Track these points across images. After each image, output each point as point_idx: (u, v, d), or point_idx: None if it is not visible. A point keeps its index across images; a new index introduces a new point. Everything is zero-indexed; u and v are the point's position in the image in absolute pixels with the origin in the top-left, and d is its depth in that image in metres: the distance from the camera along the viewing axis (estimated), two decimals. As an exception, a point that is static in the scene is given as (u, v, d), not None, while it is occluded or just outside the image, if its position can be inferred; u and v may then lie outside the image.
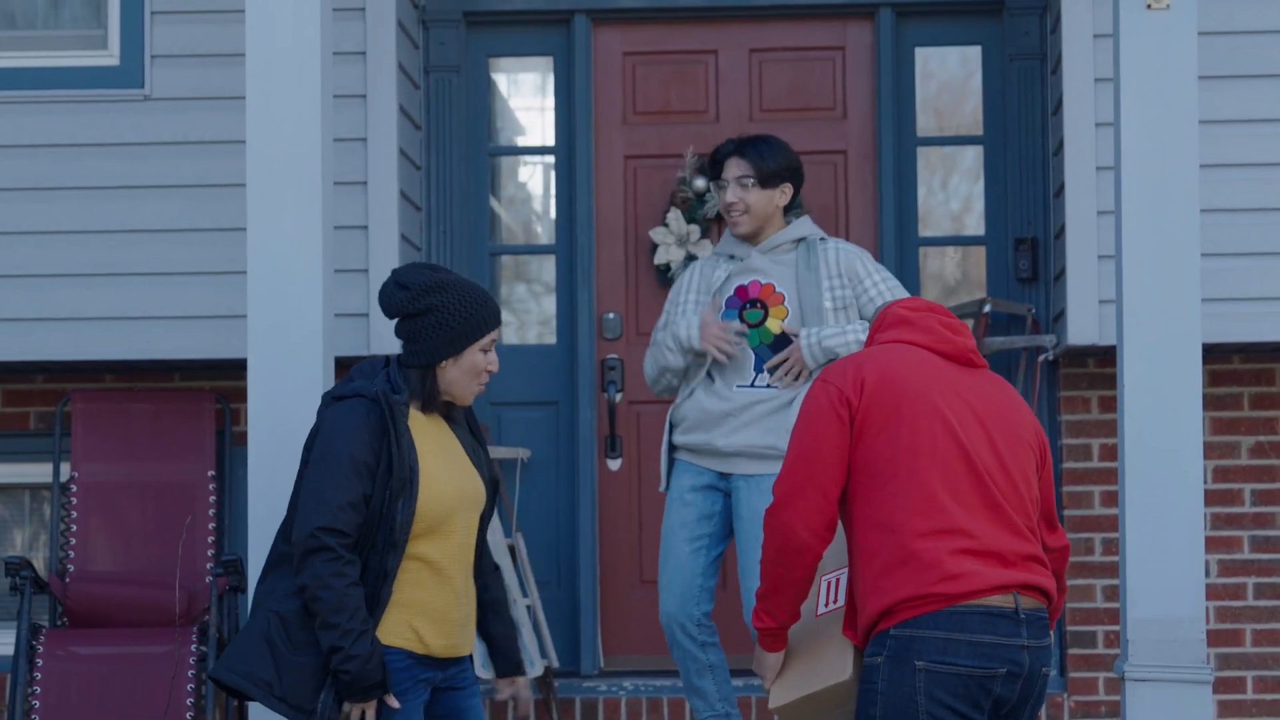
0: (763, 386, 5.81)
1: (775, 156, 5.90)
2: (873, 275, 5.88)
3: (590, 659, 7.22)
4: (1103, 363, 7.07)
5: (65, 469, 6.98)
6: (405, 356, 4.67)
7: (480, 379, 4.70)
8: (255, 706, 5.07)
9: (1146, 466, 5.36)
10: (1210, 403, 6.94)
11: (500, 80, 7.66)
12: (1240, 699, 7.01)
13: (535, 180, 7.73)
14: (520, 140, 7.76)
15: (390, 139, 6.87)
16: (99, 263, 6.83)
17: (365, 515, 4.51)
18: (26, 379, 7.24)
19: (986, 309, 7.08)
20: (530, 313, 7.60)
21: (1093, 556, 7.05)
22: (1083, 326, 6.76)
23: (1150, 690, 5.28)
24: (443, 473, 4.63)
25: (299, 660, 4.49)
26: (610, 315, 7.39)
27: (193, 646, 6.41)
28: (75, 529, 6.85)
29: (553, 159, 7.53)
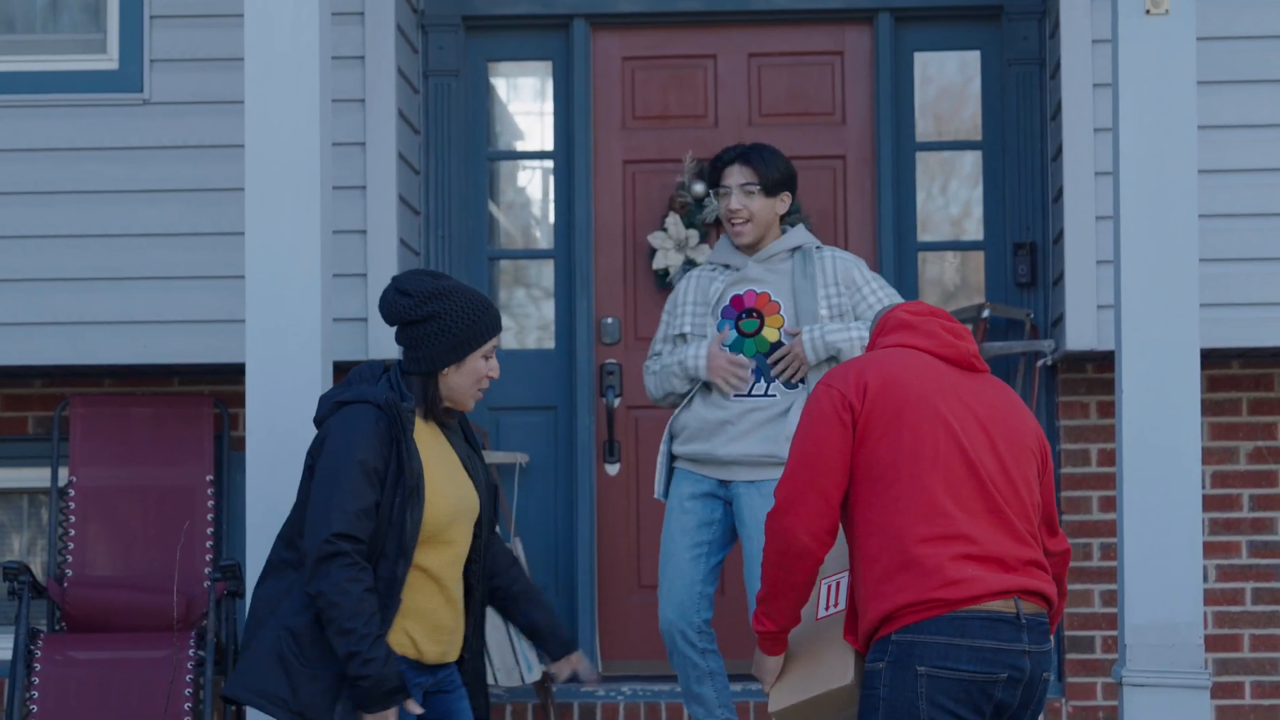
0: (760, 395, 5.80)
1: (778, 164, 5.89)
2: (870, 284, 5.88)
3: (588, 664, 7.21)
4: (1101, 368, 7.07)
5: (64, 473, 6.98)
6: (407, 363, 4.66)
7: (481, 385, 4.71)
8: (254, 714, 5.06)
9: (1145, 471, 5.36)
10: (1209, 408, 6.94)
11: (499, 85, 7.67)
12: (1238, 704, 7.01)
13: (534, 185, 7.73)
14: (519, 145, 7.76)
15: (389, 143, 6.87)
16: (98, 267, 6.83)
17: (376, 522, 4.50)
18: (25, 383, 7.24)
19: (985, 314, 7.09)
20: (529, 317, 7.60)
21: (1091, 561, 7.05)
22: (1081, 331, 6.75)
23: (1148, 695, 5.29)
24: (443, 483, 4.63)
25: (313, 674, 4.48)
26: (609, 320, 7.39)
27: (190, 651, 6.41)
28: (73, 534, 6.84)
29: (551, 164, 7.53)
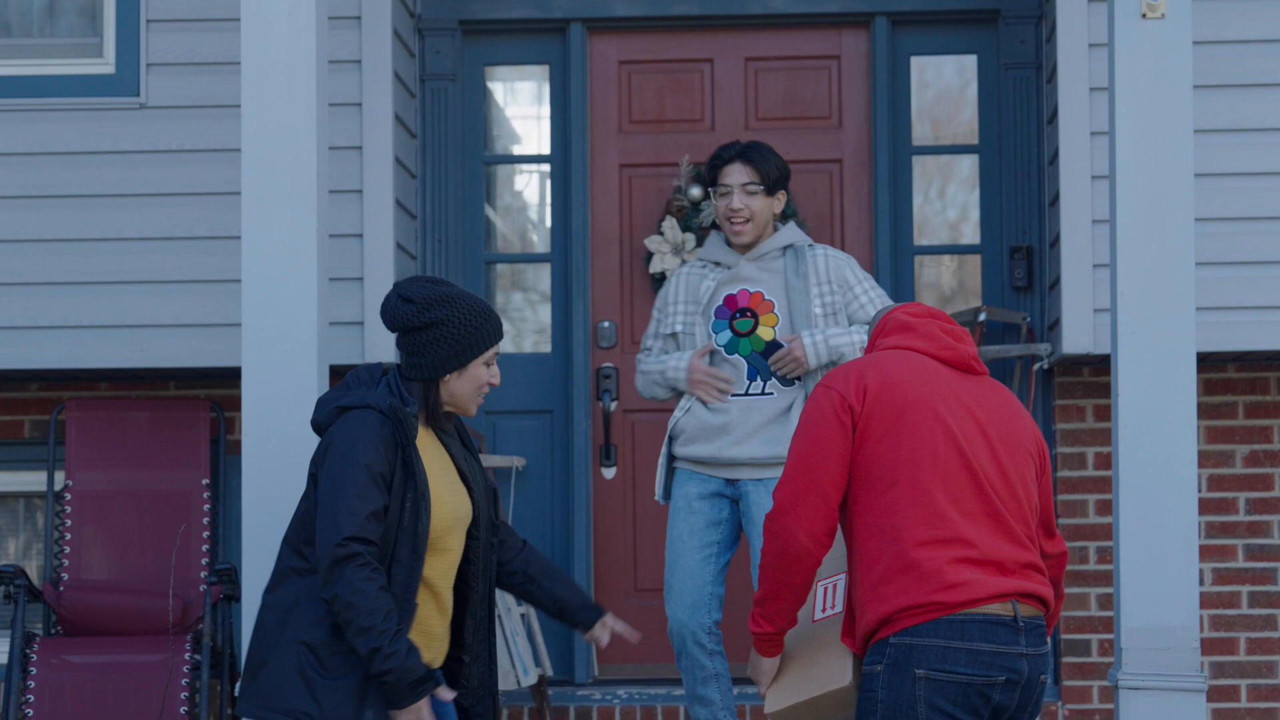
0: (757, 394, 5.80)
1: (777, 163, 5.88)
2: (862, 283, 5.87)
3: (584, 668, 7.21)
4: (1098, 371, 7.07)
5: (60, 477, 6.97)
6: (408, 370, 4.66)
7: (482, 391, 4.71)
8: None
9: (1141, 475, 5.36)
10: (1205, 411, 6.94)
11: (496, 89, 7.67)
12: (1234, 708, 7.01)
13: (531, 189, 7.73)
14: (516, 149, 7.76)
15: (386, 147, 6.87)
16: (94, 271, 6.82)
17: (384, 527, 4.50)
18: (21, 387, 7.23)
19: (982, 318, 7.09)
20: (526, 321, 7.60)
21: (1087, 565, 7.05)
22: (1077, 335, 6.75)
23: (1144, 699, 5.28)
24: (442, 490, 4.63)
25: (335, 684, 4.47)
26: (605, 324, 7.39)
27: (186, 655, 6.40)
28: (69, 537, 6.84)
29: (548, 167, 7.53)
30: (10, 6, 7.11)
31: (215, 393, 7.11)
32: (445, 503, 4.61)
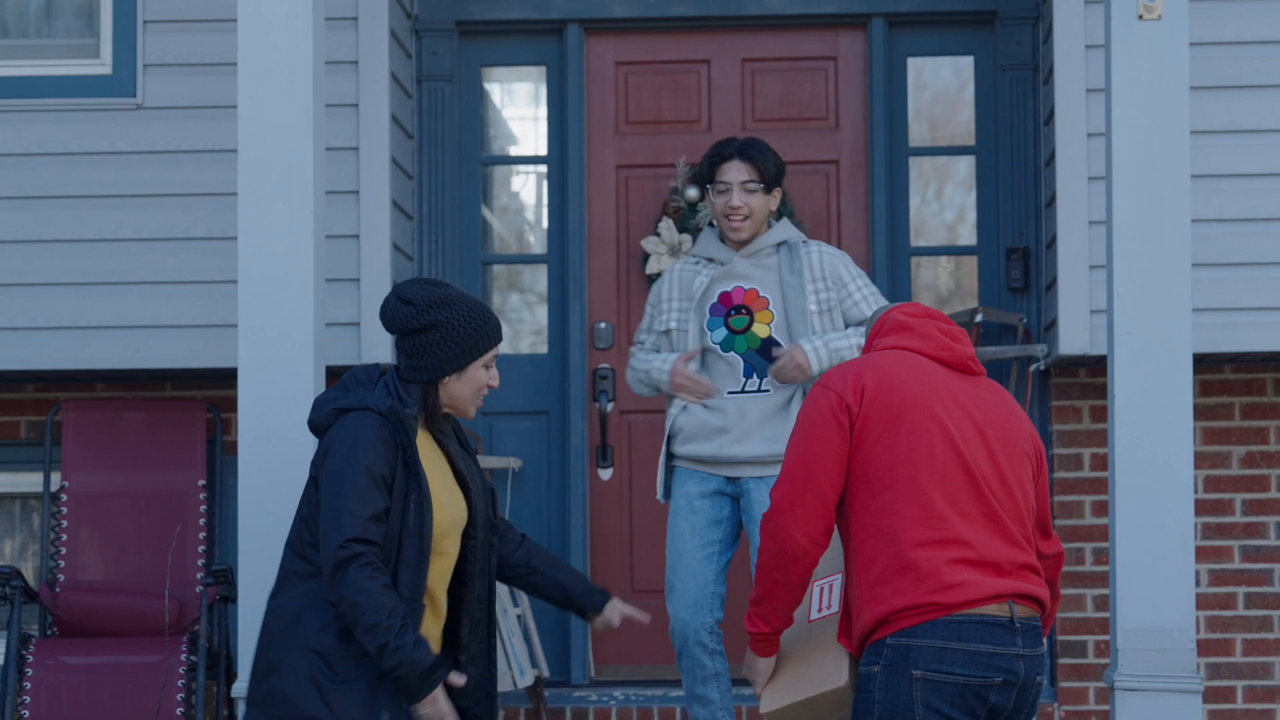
0: (753, 391, 5.79)
1: (775, 160, 5.87)
2: (856, 280, 5.87)
3: (581, 669, 7.21)
4: (1094, 372, 7.07)
5: (56, 478, 6.97)
6: (407, 372, 4.65)
7: (481, 393, 4.71)
8: None
9: (1137, 476, 5.36)
10: (1201, 413, 6.94)
11: (493, 90, 7.67)
12: (1230, 709, 7.01)
13: (528, 189, 7.73)
14: (513, 150, 7.76)
15: (382, 148, 6.87)
16: (91, 271, 6.82)
17: (386, 529, 4.50)
18: (17, 388, 7.23)
19: (978, 319, 7.09)
20: (523, 322, 7.60)
21: (1084, 566, 7.05)
22: (1074, 336, 6.75)
23: (1140, 700, 5.28)
24: (440, 493, 4.63)
25: (347, 689, 4.47)
26: (602, 325, 7.39)
27: (183, 656, 6.40)
28: (65, 538, 6.84)
29: (545, 168, 7.53)
30: (7, 7, 7.11)
31: (212, 394, 7.11)
32: (442, 506, 4.61)
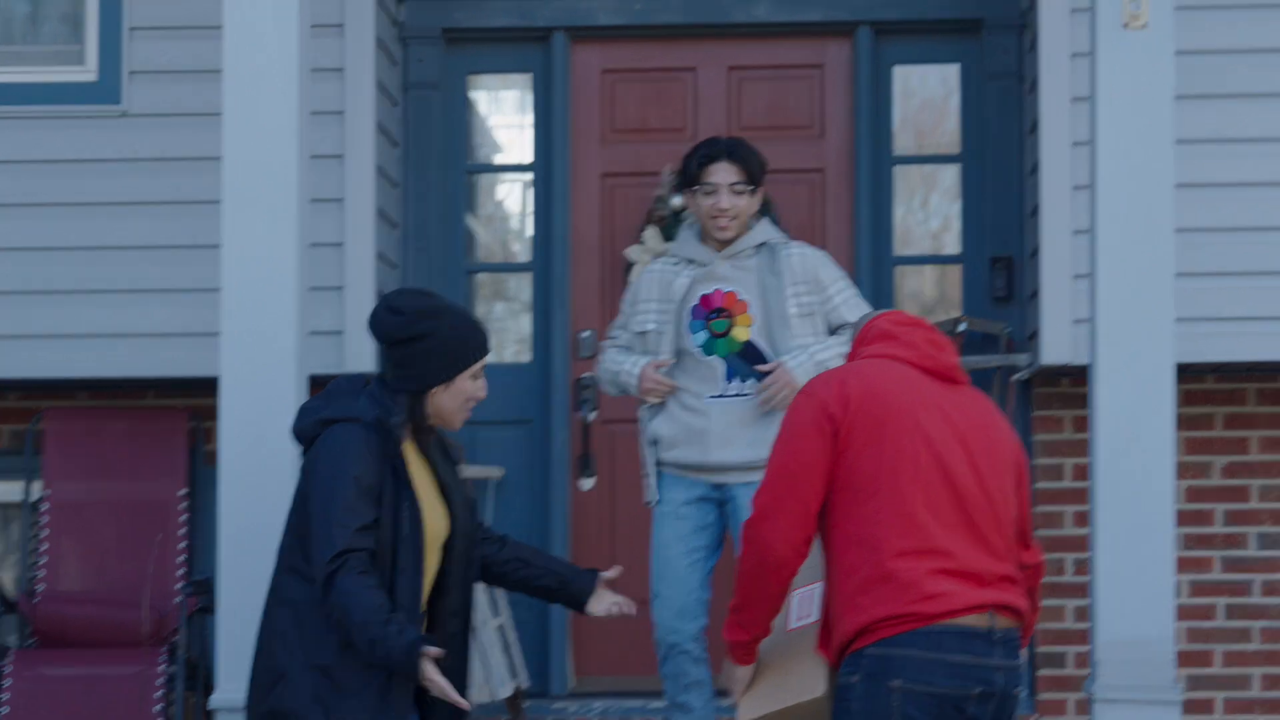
0: (733, 395, 5.78)
1: (759, 159, 5.86)
2: (836, 283, 5.85)
3: (561, 680, 7.20)
4: (1077, 382, 7.06)
5: (36, 487, 6.95)
6: (395, 382, 4.63)
7: (469, 405, 4.69)
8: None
9: (1118, 487, 5.36)
10: (1183, 423, 6.93)
11: (479, 98, 7.66)
12: (1210, 720, 7.02)
13: (513, 198, 7.72)
14: (498, 158, 7.76)
15: (368, 156, 6.86)
16: (73, 279, 6.81)
17: (377, 537, 4.49)
18: (-1, 396, 7.23)
19: (962, 328, 7.08)
20: (507, 331, 7.59)
21: (1064, 576, 7.04)
22: (1057, 346, 6.75)
23: (1120, 711, 5.29)
24: (424, 506, 4.62)
25: (353, 703, 4.47)
26: (585, 334, 7.37)
27: (162, 667, 6.39)
28: (46, 548, 6.82)
29: (530, 176, 7.53)
30: (-7, 14, 7.11)
31: (193, 402, 7.09)
32: (427, 518, 4.60)
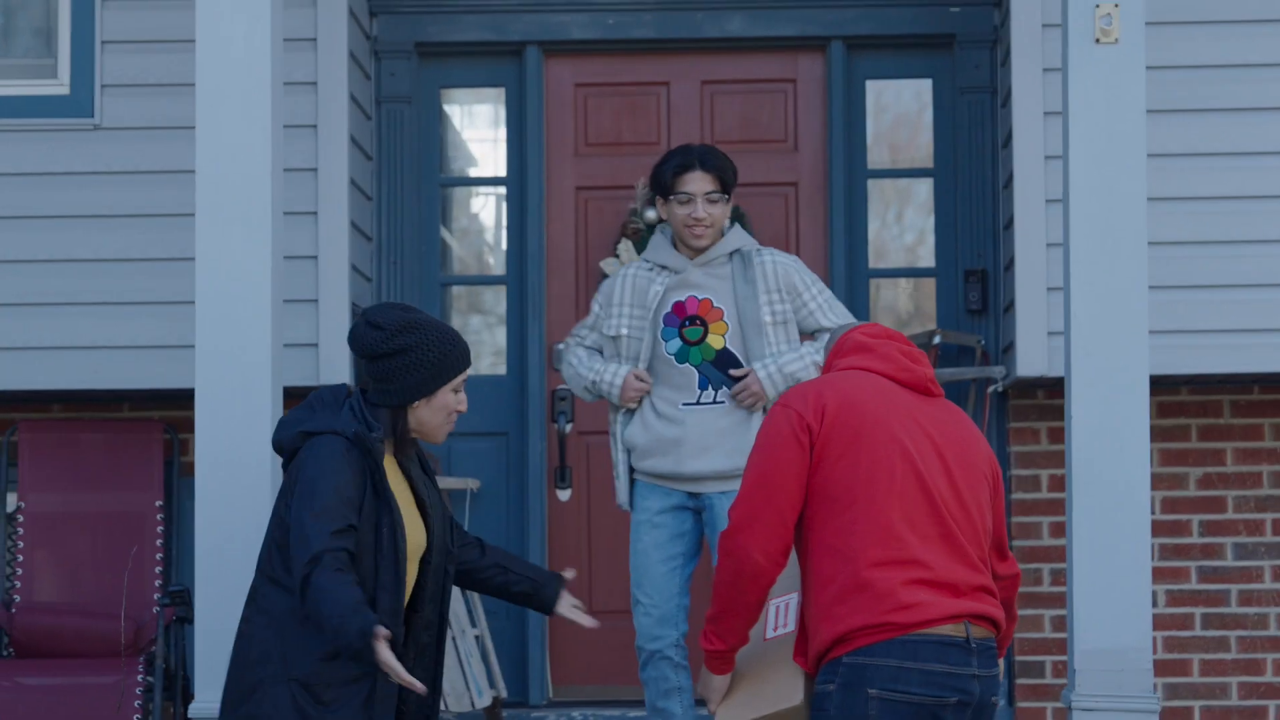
0: (709, 403, 5.78)
1: (731, 167, 5.86)
2: (810, 289, 5.83)
3: (539, 689, 7.20)
4: (1052, 394, 7.09)
5: (12, 499, 6.94)
6: (376, 396, 4.63)
7: (451, 419, 4.69)
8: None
9: (1094, 498, 5.38)
10: (1158, 434, 6.96)
11: (452, 111, 7.67)
12: (1188, 730, 7.04)
13: (487, 211, 7.73)
14: (472, 171, 7.76)
15: (341, 169, 6.87)
16: (48, 292, 6.80)
17: (356, 543, 4.48)
18: (-27, 409, 7.20)
19: (936, 340, 7.10)
20: (482, 343, 7.60)
21: (1041, 587, 7.06)
22: (1031, 358, 6.78)
23: (1097, 720, 5.31)
24: (403, 521, 4.61)
25: (334, 716, 4.46)
26: (560, 346, 7.36)
27: (139, 677, 6.38)
28: (21, 559, 6.81)
29: (504, 190, 7.53)
30: (-35, 28, 7.10)
31: (169, 414, 7.08)
32: (406, 532, 4.60)
